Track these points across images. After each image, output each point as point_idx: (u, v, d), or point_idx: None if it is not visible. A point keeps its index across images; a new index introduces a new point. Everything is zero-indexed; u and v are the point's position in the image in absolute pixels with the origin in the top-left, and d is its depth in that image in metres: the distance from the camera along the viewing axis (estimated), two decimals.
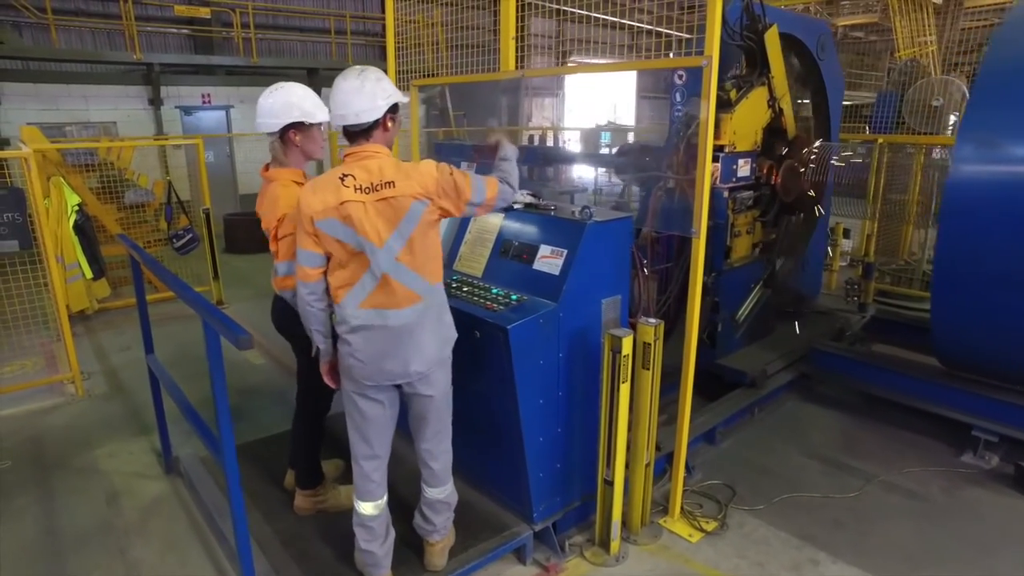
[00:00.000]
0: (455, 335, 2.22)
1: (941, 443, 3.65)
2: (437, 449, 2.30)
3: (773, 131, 4.20)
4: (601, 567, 2.68)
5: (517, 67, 3.99)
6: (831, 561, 2.72)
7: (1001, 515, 3.05)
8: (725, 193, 3.89)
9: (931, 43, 12.22)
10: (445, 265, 2.26)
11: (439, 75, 4.13)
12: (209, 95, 11.23)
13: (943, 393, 3.65)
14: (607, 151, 14.04)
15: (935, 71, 11.08)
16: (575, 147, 12.89)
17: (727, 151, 3.82)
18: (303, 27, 13.17)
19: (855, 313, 5.58)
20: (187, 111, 11.06)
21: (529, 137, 11.42)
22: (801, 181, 4.36)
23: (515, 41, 3.34)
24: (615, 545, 2.76)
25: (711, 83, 2.49)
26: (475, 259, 2.86)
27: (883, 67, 16.78)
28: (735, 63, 4.10)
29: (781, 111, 4.14)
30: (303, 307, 2.15)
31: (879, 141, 6.35)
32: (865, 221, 6.59)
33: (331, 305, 2.14)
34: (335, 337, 2.18)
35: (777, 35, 3.94)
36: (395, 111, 2.07)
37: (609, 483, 2.68)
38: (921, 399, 3.73)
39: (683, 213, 3.93)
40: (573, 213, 2.60)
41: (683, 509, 3.04)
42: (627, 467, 2.73)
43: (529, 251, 2.64)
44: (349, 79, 1.99)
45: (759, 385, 4.04)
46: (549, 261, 2.55)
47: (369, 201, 1.97)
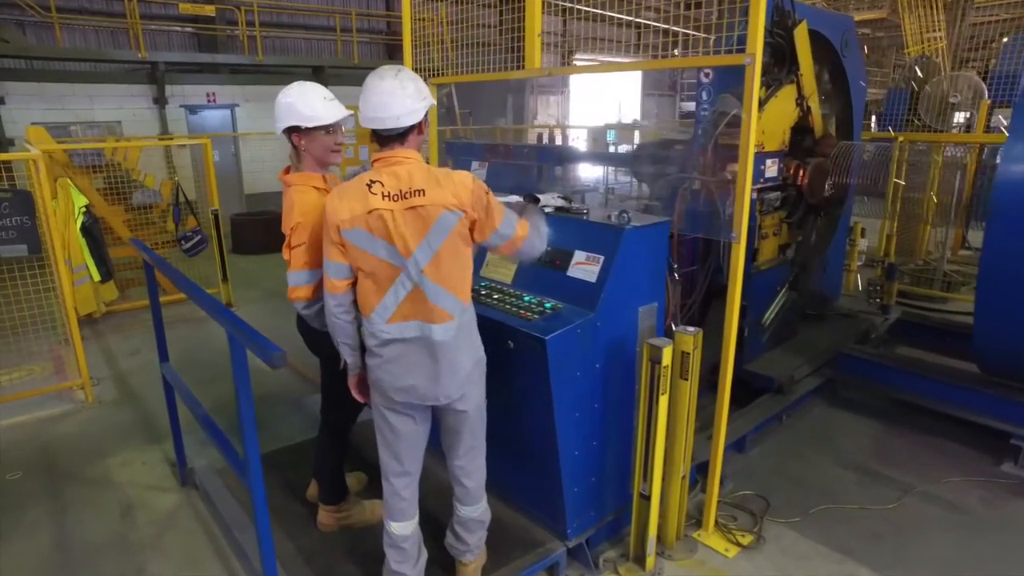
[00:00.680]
0: (484, 355, 2.12)
1: (978, 451, 3.54)
2: (471, 466, 2.20)
3: (800, 130, 4.09)
4: None
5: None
6: None
7: None
8: (753, 194, 3.78)
9: (940, 39, 12.09)
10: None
11: (445, 74, 4.01)
12: (214, 94, 11.13)
13: (981, 400, 3.54)
14: (615, 149, 13.96)
15: (945, 67, 10.96)
16: (582, 145, 12.81)
17: (755, 151, 3.71)
18: (308, 25, 13.07)
19: (878, 315, 5.48)
20: (192, 110, 10.96)
21: (538, 136, 11.29)
22: (826, 181, 4.26)
23: (540, 39, 3.23)
24: (651, 561, 2.66)
25: (754, 82, 2.39)
26: (504, 265, 2.76)
27: (889, 63, 16.66)
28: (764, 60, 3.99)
29: (808, 109, 4.03)
30: (330, 319, 2.05)
31: (899, 139, 6.23)
32: (884, 221, 6.48)
33: (359, 317, 2.05)
34: (364, 350, 2.08)
35: (807, 31, 3.83)
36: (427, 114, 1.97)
37: (646, 497, 2.58)
38: (957, 406, 3.63)
39: (711, 216, 3.85)
40: (609, 217, 2.49)
41: (717, 522, 2.94)
42: (662, 479, 2.63)
43: (563, 257, 2.53)
44: (387, 79, 1.87)
45: (787, 391, 3.94)
46: (584, 268, 2.45)
47: (398, 209, 1.86)
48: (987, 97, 8.21)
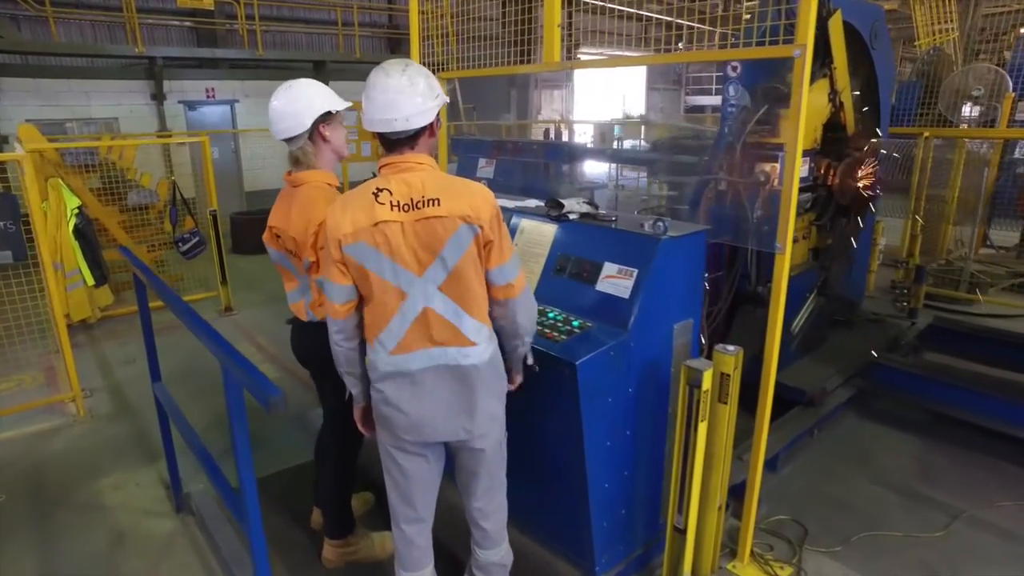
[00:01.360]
0: (507, 385, 1.90)
1: None
2: (490, 507, 1.98)
3: (831, 127, 3.85)
4: None
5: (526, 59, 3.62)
6: None
7: None
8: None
9: (952, 30, 11.79)
10: None
11: (450, 68, 3.78)
12: (213, 89, 10.89)
13: None
14: (619, 145, 13.70)
15: (957, 60, 10.68)
16: (587, 140, 12.54)
17: (787, 150, 3.47)
18: (308, 19, 12.81)
19: (904, 319, 5.25)
20: (191, 106, 10.73)
21: (544, 131, 11.00)
22: (859, 180, 4.02)
23: (560, 30, 2.99)
24: None
25: (803, 76, 2.15)
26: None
27: (897, 56, 16.34)
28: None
29: (841, 105, 3.79)
30: (332, 346, 1.83)
31: (925, 135, 5.99)
32: (907, 220, 6.25)
33: (364, 343, 1.82)
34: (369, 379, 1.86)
35: (841, 22, 3.59)
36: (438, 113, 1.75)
37: (680, 531, 2.36)
38: (1006, 422, 3.40)
39: (738, 220, 3.62)
40: (642, 226, 2.26)
41: (753, 551, 2.72)
42: (698, 511, 2.41)
43: (590, 269, 2.30)
44: (394, 76, 1.63)
45: (819, 404, 3.71)
46: (615, 281, 2.22)
47: (408, 221, 1.64)
48: (1011, 90, 7.95)
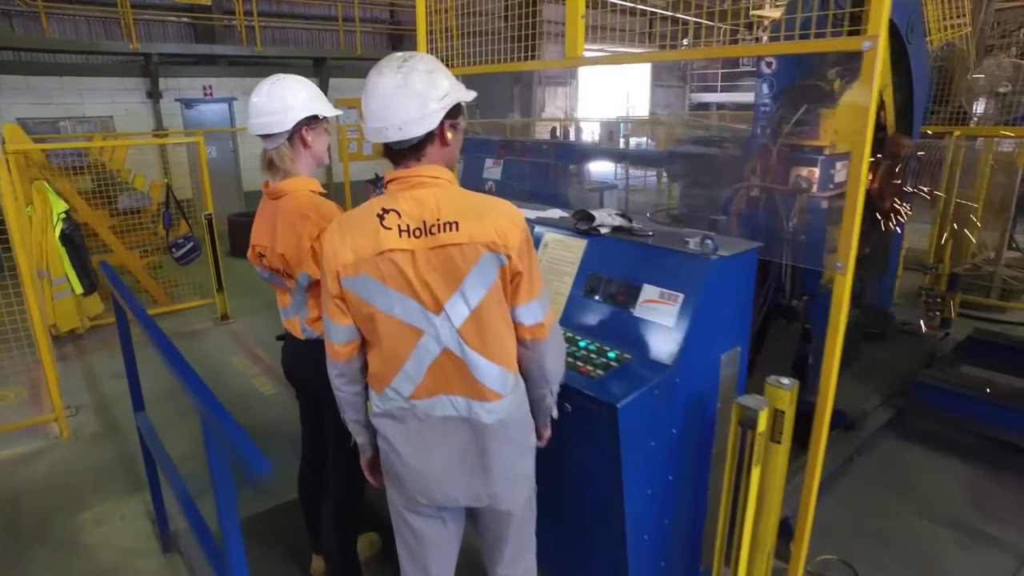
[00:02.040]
0: (536, 439, 1.63)
1: None
2: (517, 570, 1.71)
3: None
4: None
5: (532, 56, 3.37)
6: None
7: None
8: (824, 203, 3.27)
9: (965, 25, 11.50)
10: None
11: (454, 65, 3.51)
12: (211, 87, 10.61)
13: None
14: (625, 143, 13.41)
15: (970, 55, 10.39)
16: (594, 138, 12.26)
17: (827, 153, 3.20)
18: (308, 14, 12.51)
19: (938, 329, 4.98)
20: (188, 104, 10.44)
21: (551, 130, 10.72)
22: (898, 184, 3.74)
23: (585, 20, 2.71)
24: None
25: (874, 72, 1.88)
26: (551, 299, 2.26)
27: None
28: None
29: (882, 104, 3.52)
30: (334, 390, 1.56)
31: (955, 133, 5.72)
32: (934, 224, 5.97)
33: (369, 387, 1.56)
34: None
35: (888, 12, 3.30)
36: (457, 114, 1.45)
37: None
38: None
39: (774, 230, 3.35)
40: (686, 243, 1.99)
41: None
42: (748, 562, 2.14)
43: (627, 291, 2.03)
44: (386, 75, 1.36)
45: (859, 427, 3.44)
46: (657, 307, 1.94)
47: (420, 249, 1.37)
48: None
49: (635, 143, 13.95)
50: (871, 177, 3.62)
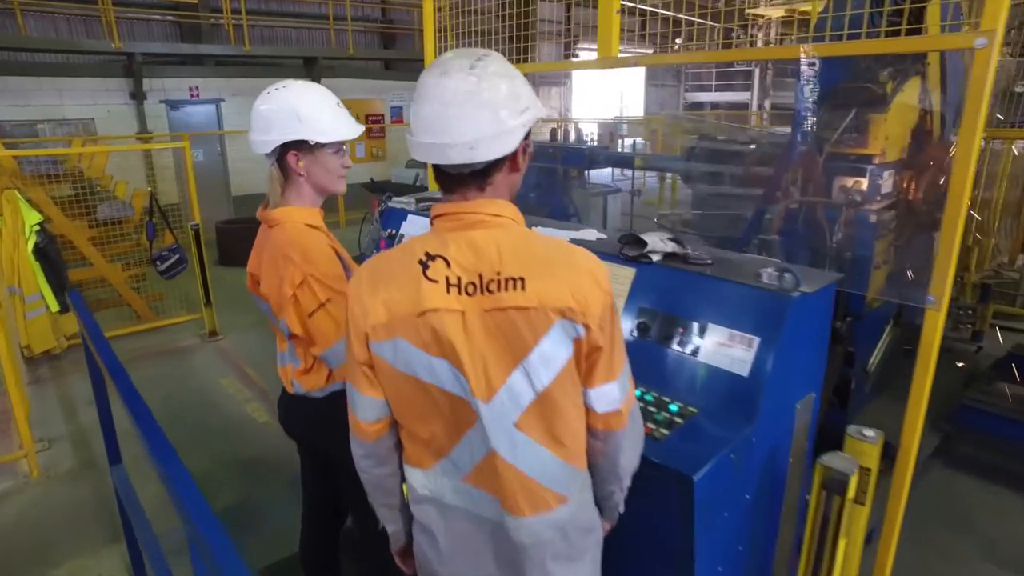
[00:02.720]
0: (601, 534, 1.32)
1: None
2: None
3: (917, 133, 3.30)
4: None
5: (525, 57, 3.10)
6: None
7: None
8: (872, 217, 3.00)
9: (971, 23, 11.32)
10: None
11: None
12: (197, 88, 10.22)
13: None
14: (622, 144, 13.11)
15: None
16: (592, 140, 11.98)
17: (877, 162, 2.93)
18: (299, 13, 12.14)
19: (968, 342, 4.74)
20: (173, 105, 10.05)
21: (551, 132, 10.44)
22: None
23: (618, 16, 2.41)
24: None
25: (989, 71, 1.60)
26: None
27: None
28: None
29: (930, 108, 3.25)
30: (359, 472, 1.25)
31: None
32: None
33: (403, 467, 1.25)
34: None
35: (939, 7, 3.04)
36: (529, 134, 1.13)
37: None
38: None
39: (817, 246, 3.07)
40: (759, 276, 1.69)
41: None
42: None
43: (687, 332, 1.73)
44: (454, 76, 1.03)
45: (895, 458, 3.17)
46: (728, 352, 1.65)
47: (473, 310, 1.06)
48: None
49: (629, 143, 13.70)
50: (915, 186, 3.35)
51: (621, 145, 12.87)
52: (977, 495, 3.19)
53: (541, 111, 1.10)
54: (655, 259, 1.89)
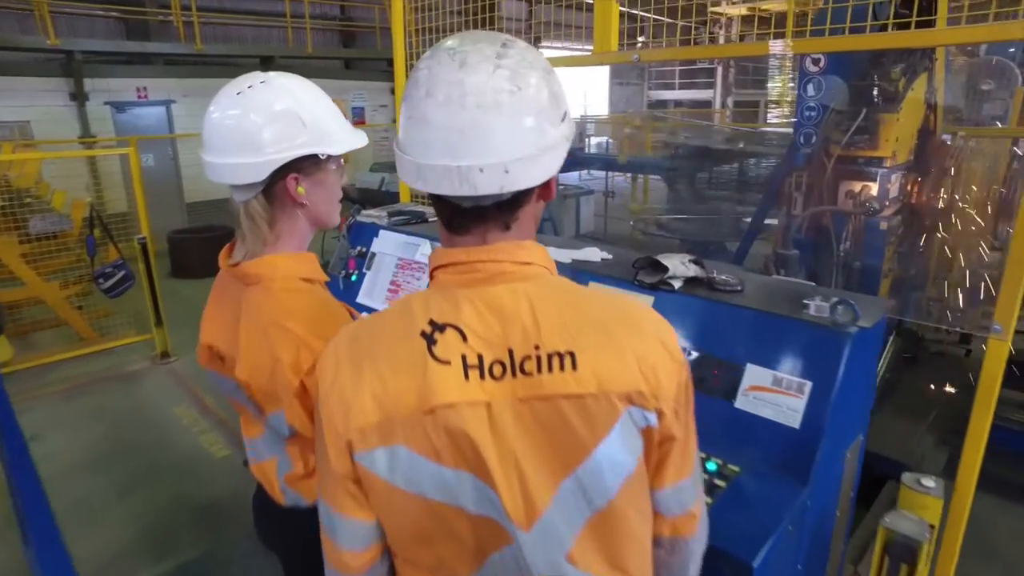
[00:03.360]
0: None
1: None
2: None
3: (921, 133, 3.14)
4: None
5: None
6: None
7: None
8: (883, 224, 2.81)
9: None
10: None
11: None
12: (145, 88, 9.64)
13: None
14: (592, 142, 12.92)
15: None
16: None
17: (888, 165, 2.75)
18: (254, 10, 11.61)
19: (957, 347, 4.64)
20: (119, 107, 9.45)
21: None
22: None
23: (617, 6, 2.15)
24: None
25: None
26: None
27: None
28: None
29: (935, 105, 3.09)
30: None
31: (960, 134, 5.41)
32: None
33: None
34: None
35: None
36: None
37: None
38: None
39: (823, 256, 2.88)
40: (805, 307, 1.45)
41: None
42: None
43: (721, 374, 1.48)
44: (479, 69, 0.73)
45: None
46: (772, 398, 1.40)
47: (503, 400, 0.77)
48: (1021, 83, 7.50)
49: (595, 143, 13.54)
50: (917, 189, 3.19)
51: (588, 145, 12.70)
52: (998, 517, 3.03)
53: (572, 117, 0.83)
54: (676, 284, 1.64)
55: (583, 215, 8.32)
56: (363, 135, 1.23)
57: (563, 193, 8.12)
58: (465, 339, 0.76)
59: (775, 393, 1.40)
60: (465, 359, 0.76)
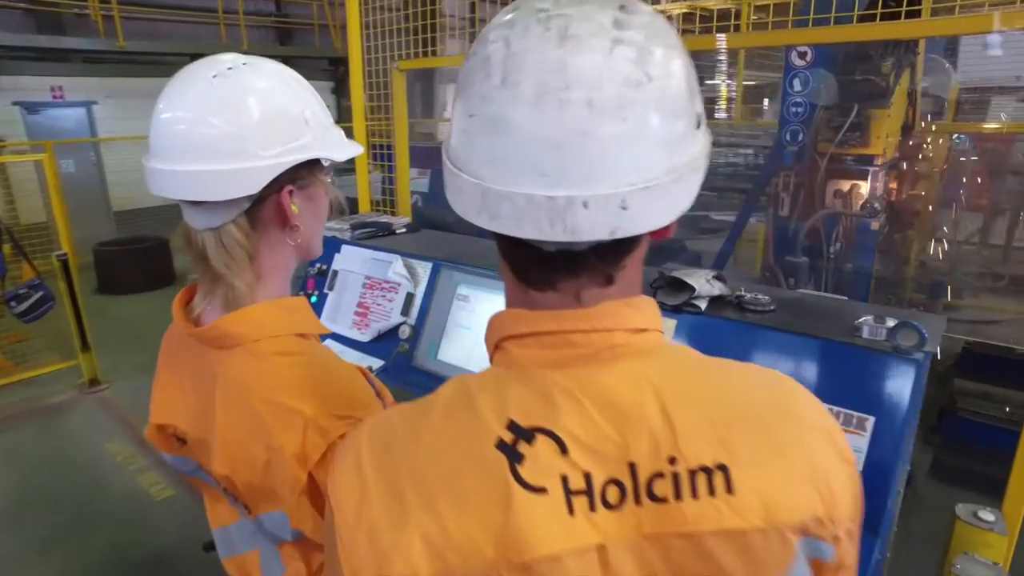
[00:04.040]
0: None
1: None
2: None
3: (904, 129, 3.08)
4: None
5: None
6: None
7: None
8: (874, 224, 2.72)
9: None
10: None
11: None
12: (61, 88, 8.89)
13: None
14: None
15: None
16: None
17: (878, 162, 2.65)
18: (183, 4, 10.92)
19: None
20: (31, 108, 8.65)
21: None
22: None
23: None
24: None
25: None
26: None
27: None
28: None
29: (915, 101, 3.03)
30: None
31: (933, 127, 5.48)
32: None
33: None
34: None
35: None
36: None
37: None
38: None
39: (811, 258, 2.76)
40: (858, 330, 1.27)
41: None
42: None
43: None
44: (591, 45, 0.47)
45: (917, 485, 2.96)
46: None
47: (623, 540, 0.52)
48: (954, 80, 7.74)
49: None
50: (897, 187, 3.14)
51: None
52: (952, 504, 3.00)
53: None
54: (701, 305, 1.44)
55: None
56: (357, 143, 0.97)
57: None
58: (565, 451, 0.52)
59: None
60: (567, 482, 0.51)
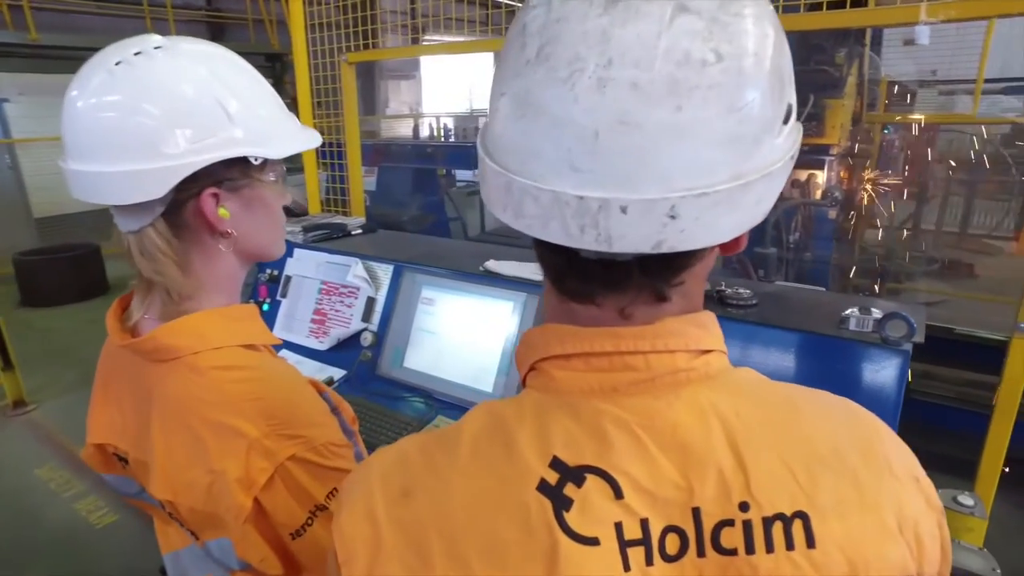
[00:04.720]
0: None
1: None
2: None
3: (854, 119, 3.14)
4: None
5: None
6: None
7: None
8: (832, 213, 2.76)
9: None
10: None
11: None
12: None
13: None
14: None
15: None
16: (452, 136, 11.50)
17: (833, 152, 2.68)
18: None
19: None
20: None
21: (414, 128, 9.78)
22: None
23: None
24: None
25: None
26: None
27: None
28: None
29: (863, 91, 3.10)
30: None
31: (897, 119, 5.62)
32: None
33: None
34: None
35: None
36: None
37: None
38: None
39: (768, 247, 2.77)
40: (844, 321, 1.25)
41: None
42: None
43: None
44: (642, 12, 0.38)
45: None
46: None
47: None
48: (882, 72, 8.00)
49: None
50: (848, 174, 3.20)
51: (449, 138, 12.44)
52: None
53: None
54: None
55: (487, 211, 8.06)
56: (315, 133, 0.85)
57: (465, 191, 7.86)
58: (620, 495, 0.43)
59: None
60: (621, 531, 0.43)
